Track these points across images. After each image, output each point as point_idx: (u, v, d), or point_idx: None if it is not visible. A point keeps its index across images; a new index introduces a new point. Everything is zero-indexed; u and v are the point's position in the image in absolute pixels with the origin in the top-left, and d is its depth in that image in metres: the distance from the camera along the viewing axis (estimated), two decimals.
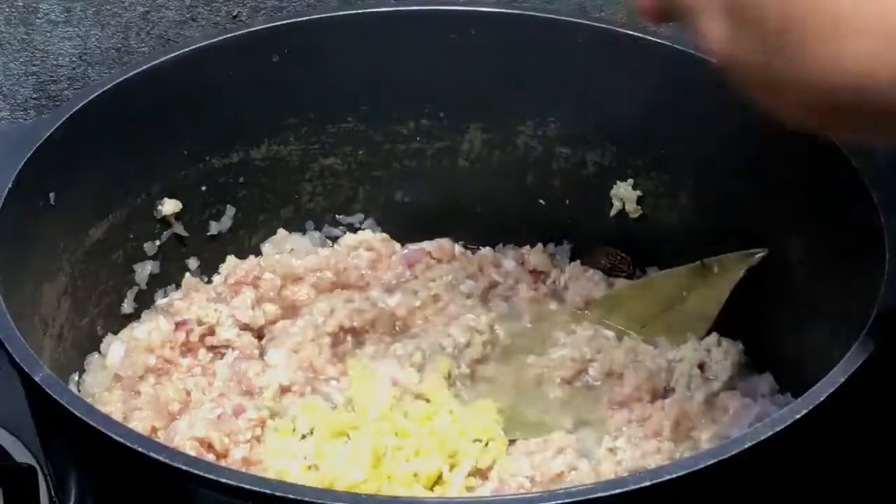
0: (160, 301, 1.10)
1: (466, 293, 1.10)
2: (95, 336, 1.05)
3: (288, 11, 1.29)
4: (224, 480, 0.75)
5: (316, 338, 1.04)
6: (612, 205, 1.13)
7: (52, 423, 0.88)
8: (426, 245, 1.14)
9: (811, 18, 0.66)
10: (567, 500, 0.73)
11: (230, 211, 1.13)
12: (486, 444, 0.95)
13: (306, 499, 0.73)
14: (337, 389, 1.02)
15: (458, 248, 1.15)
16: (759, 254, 1.05)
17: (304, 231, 1.16)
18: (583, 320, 1.09)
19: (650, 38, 1.08)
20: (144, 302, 1.10)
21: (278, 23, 1.10)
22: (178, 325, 1.04)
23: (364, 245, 1.14)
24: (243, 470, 0.92)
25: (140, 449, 0.76)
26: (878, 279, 0.87)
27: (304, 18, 1.11)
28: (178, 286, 1.11)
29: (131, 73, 1.04)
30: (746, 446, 0.76)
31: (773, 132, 1.03)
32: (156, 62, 1.06)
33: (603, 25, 1.10)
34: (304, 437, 0.96)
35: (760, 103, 0.72)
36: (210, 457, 0.94)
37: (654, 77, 1.08)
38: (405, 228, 1.16)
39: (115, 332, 1.06)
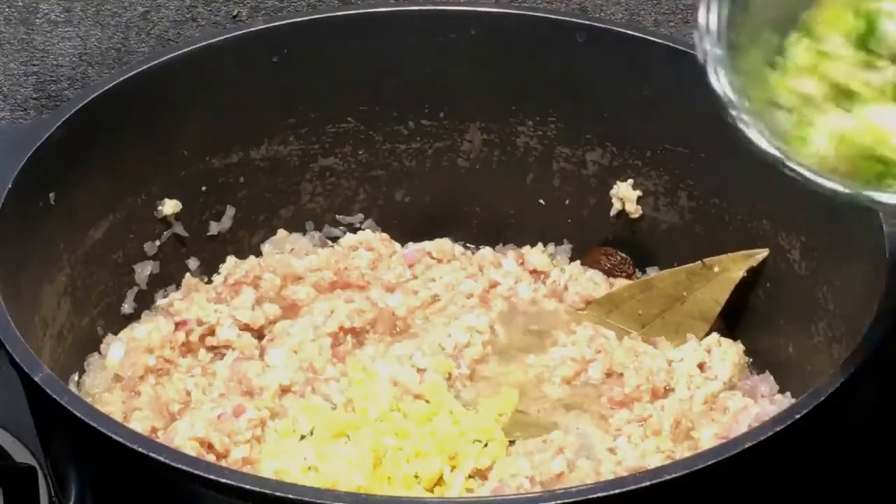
0: (160, 301, 1.10)
1: (466, 293, 1.10)
2: (95, 336, 1.05)
3: (288, 11, 1.29)
4: (224, 480, 0.75)
5: (316, 338, 1.04)
6: (612, 205, 1.13)
7: (52, 423, 0.88)
8: (426, 245, 1.14)
9: None
10: (567, 500, 0.73)
11: (230, 211, 1.13)
12: (486, 445, 0.95)
13: (306, 499, 0.74)
14: (337, 389, 1.01)
15: (458, 248, 1.15)
16: (760, 254, 1.05)
17: (304, 231, 1.16)
18: (583, 320, 1.09)
19: (650, 38, 1.08)
20: (144, 302, 1.10)
21: (278, 23, 1.10)
22: (178, 326, 1.04)
23: (364, 245, 1.14)
24: (243, 470, 0.92)
25: (140, 449, 0.76)
26: (878, 279, 0.87)
27: (304, 18, 1.11)
28: (179, 286, 1.11)
29: (131, 73, 1.04)
30: (746, 446, 0.76)
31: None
32: (156, 62, 1.06)
33: (603, 25, 1.10)
34: (303, 437, 0.96)
35: None
36: (210, 457, 0.94)
37: (654, 77, 1.08)
38: (405, 228, 1.16)
39: (115, 333, 1.06)
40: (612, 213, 1.13)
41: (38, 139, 0.97)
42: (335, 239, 1.16)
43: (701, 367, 1.02)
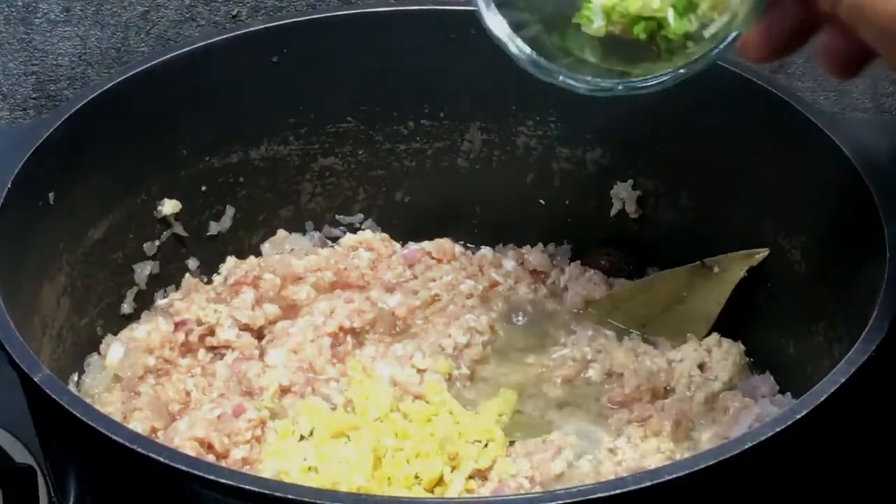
0: (160, 301, 1.10)
1: (466, 293, 1.10)
2: (95, 336, 1.05)
3: (288, 11, 1.29)
4: (224, 480, 0.75)
5: (316, 338, 1.04)
6: (612, 205, 1.13)
7: (52, 424, 0.88)
8: (426, 245, 1.14)
9: None
10: (567, 500, 0.73)
11: (230, 211, 1.13)
12: (486, 445, 0.95)
13: (306, 499, 0.73)
14: (337, 390, 1.01)
15: (458, 248, 1.15)
16: (760, 254, 1.05)
17: (304, 231, 1.16)
18: (583, 320, 1.09)
19: None
20: (144, 302, 1.09)
21: (278, 23, 1.10)
22: (177, 326, 1.04)
23: (364, 245, 1.14)
24: (243, 470, 0.92)
25: (140, 449, 0.76)
26: (878, 279, 0.87)
27: (304, 18, 1.11)
28: (178, 286, 1.11)
29: (131, 73, 1.04)
30: (746, 446, 0.76)
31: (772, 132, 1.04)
32: (156, 62, 1.06)
33: None
34: (303, 438, 0.96)
35: None
36: (210, 457, 0.94)
37: None
38: (405, 228, 1.16)
39: (115, 333, 1.06)
40: (612, 213, 1.13)
41: (38, 139, 0.97)
42: (335, 239, 1.16)
43: (701, 367, 1.02)
